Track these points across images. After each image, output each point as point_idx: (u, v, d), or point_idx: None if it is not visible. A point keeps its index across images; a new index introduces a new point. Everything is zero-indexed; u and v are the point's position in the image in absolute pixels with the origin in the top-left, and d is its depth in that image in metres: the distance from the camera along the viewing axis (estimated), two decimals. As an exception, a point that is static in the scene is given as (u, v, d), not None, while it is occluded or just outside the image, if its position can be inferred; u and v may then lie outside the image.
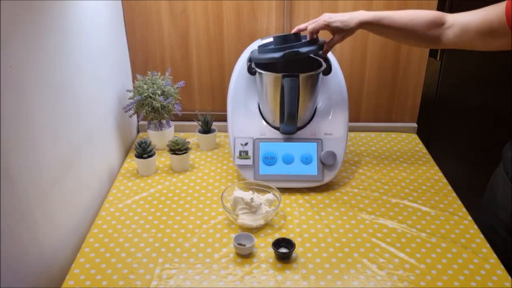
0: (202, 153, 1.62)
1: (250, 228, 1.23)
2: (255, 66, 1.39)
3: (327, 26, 1.30)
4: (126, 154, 1.62)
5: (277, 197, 1.30)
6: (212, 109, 1.76)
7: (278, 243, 1.16)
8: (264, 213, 1.25)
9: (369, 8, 1.60)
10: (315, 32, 1.32)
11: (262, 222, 1.24)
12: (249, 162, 1.40)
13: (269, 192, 1.32)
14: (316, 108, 1.47)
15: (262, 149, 1.41)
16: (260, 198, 1.28)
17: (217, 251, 1.16)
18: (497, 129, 1.82)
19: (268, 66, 1.39)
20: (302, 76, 1.33)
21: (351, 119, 1.49)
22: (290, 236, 1.21)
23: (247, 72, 1.42)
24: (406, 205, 1.35)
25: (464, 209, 1.33)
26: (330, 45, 1.34)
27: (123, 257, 1.14)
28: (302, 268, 1.11)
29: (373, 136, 1.74)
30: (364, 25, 1.26)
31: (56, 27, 1.11)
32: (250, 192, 1.30)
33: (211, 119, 1.62)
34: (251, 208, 1.24)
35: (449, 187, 1.43)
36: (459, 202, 1.36)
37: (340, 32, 1.30)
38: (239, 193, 1.27)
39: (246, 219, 1.23)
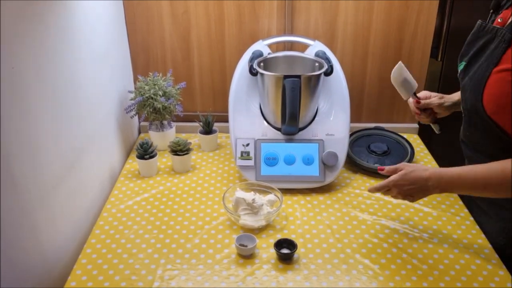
0: (203, 154, 1.62)
1: (252, 229, 1.23)
2: (257, 66, 1.40)
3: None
4: (127, 155, 1.62)
5: (278, 198, 1.30)
6: (214, 110, 1.76)
7: (280, 244, 1.15)
8: (266, 214, 1.25)
9: (370, 11, 1.60)
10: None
11: (263, 223, 1.24)
12: (250, 163, 1.40)
13: (271, 193, 1.32)
14: (317, 109, 1.47)
15: (264, 150, 1.41)
16: (261, 199, 1.28)
17: (218, 252, 1.16)
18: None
19: (269, 67, 1.40)
20: (303, 76, 1.33)
21: (352, 120, 1.49)
22: (292, 237, 1.21)
23: (248, 73, 1.43)
24: (408, 205, 1.35)
25: (466, 210, 1.32)
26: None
27: (125, 258, 1.14)
28: (304, 269, 1.11)
29: (374, 137, 1.74)
30: None
31: (58, 28, 1.11)
32: (252, 193, 1.29)
33: (212, 120, 1.62)
34: (253, 209, 1.24)
35: (451, 188, 1.42)
36: (460, 203, 1.36)
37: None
38: (240, 194, 1.27)
39: (248, 220, 1.23)
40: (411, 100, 1.39)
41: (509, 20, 1.04)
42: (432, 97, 1.37)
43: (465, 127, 1.19)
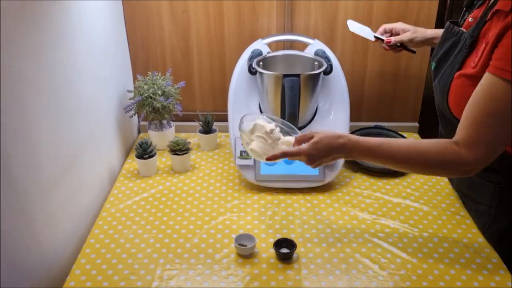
0: (203, 154, 1.62)
1: (258, 159, 1.13)
2: (256, 65, 1.39)
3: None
4: (127, 154, 1.62)
5: None
6: (213, 109, 1.76)
7: (279, 244, 1.15)
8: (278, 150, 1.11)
9: (369, 10, 1.60)
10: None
11: None
12: (250, 162, 1.40)
13: (292, 135, 1.17)
14: (317, 108, 1.46)
15: (263, 149, 1.40)
16: (280, 134, 1.15)
17: (218, 252, 1.16)
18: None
19: (269, 66, 1.39)
20: (303, 75, 1.32)
21: (352, 119, 1.48)
22: (291, 236, 1.21)
23: (248, 72, 1.42)
24: (408, 205, 1.34)
25: (465, 209, 1.32)
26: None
27: (124, 258, 1.14)
28: (303, 269, 1.11)
29: (374, 136, 1.74)
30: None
31: (57, 28, 1.10)
32: (274, 124, 1.16)
33: (212, 119, 1.61)
34: (268, 139, 1.12)
35: (450, 187, 1.42)
36: (460, 201, 1.35)
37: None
38: (261, 121, 1.15)
39: (258, 148, 1.11)
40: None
41: (475, 23, 1.03)
42: (404, 32, 1.37)
43: (440, 125, 1.23)
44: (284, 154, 1.08)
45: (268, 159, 1.09)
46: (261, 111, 1.45)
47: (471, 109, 0.95)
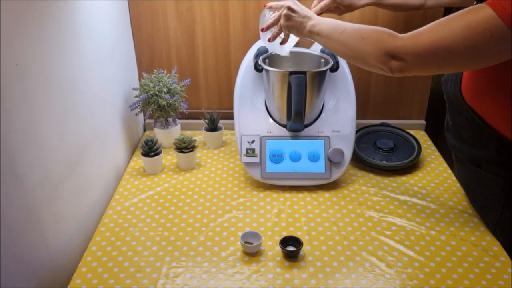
0: (208, 151, 1.62)
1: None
2: (262, 62, 1.39)
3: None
4: (132, 152, 1.62)
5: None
6: (219, 107, 1.75)
7: (285, 241, 1.15)
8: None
9: (375, 15, 1.59)
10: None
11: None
12: (256, 159, 1.39)
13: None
14: (323, 105, 1.46)
15: (269, 147, 1.40)
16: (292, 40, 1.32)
17: (224, 250, 1.16)
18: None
19: (275, 63, 1.39)
20: (309, 73, 1.32)
21: (358, 117, 1.47)
22: (297, 234, 1.20)
23: (253, 69, 1.42)
24: (415, 202, 1.33)
25: (473, 207, 1.31)
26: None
27: (130, 256, 1.14)
28: (309, 267, 1.10)
29: (381, 134, 1.73)
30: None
31: (63, 26, 1.10)
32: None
33: (217, 117, 1.61)
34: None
35: (458, 185, 1.41)
36: (468, 199, 1.34)
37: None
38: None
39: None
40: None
41: None
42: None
43: (449, 117, 1.23)
44: (273, 6, 1.26)
45: (264, 5, 1.32)
46: (267, 109, 1.45)
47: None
